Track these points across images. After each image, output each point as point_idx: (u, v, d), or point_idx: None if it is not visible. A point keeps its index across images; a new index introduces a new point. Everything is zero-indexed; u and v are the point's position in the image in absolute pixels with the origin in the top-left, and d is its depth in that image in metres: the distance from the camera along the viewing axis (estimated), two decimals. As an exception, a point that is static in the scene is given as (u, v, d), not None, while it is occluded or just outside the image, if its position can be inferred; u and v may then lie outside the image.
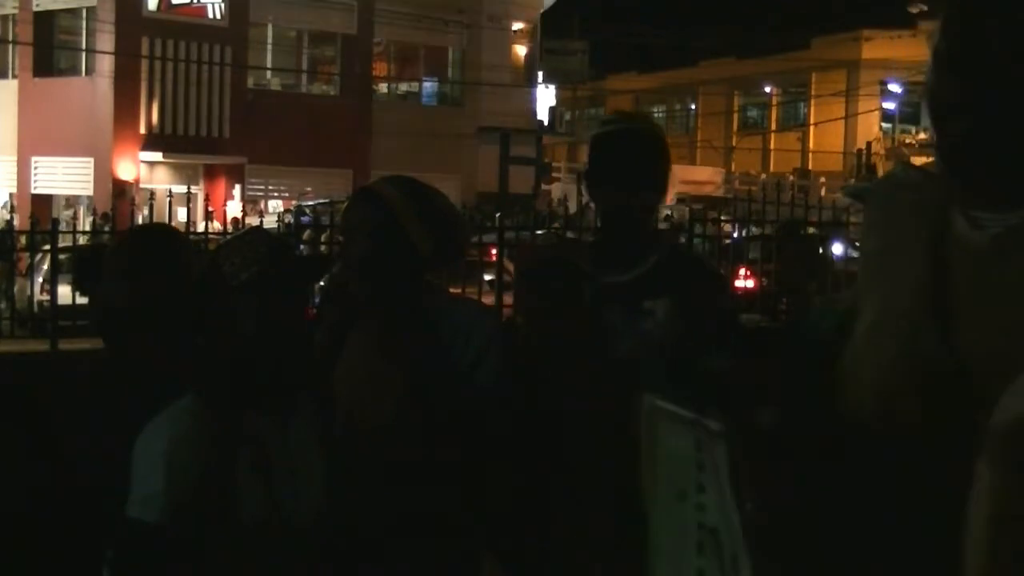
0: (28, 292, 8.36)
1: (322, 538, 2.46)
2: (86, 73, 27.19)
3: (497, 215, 8.28)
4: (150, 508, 2.28)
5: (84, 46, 27.29)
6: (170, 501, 2.28)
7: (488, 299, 7.38)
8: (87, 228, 8.89)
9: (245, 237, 2.55)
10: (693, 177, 23.64)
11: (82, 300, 3.05)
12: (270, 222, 15.01)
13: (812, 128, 45.20)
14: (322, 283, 3.62)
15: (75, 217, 21.49)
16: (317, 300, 3.45)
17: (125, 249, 2.91)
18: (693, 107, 50.77)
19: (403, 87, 33.49)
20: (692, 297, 3.05)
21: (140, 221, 8.85)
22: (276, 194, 28.41)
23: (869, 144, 38.91)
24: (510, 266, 8.03)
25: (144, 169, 26.59)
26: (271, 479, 2.36)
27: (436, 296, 3.03)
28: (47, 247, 6.98)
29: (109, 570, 2.37)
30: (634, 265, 3.10)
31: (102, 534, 2.41)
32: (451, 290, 4.24)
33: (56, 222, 6.71)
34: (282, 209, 19.78)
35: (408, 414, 2.80)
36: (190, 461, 2.29)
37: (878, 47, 41.17)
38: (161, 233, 3.14)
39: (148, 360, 2.73)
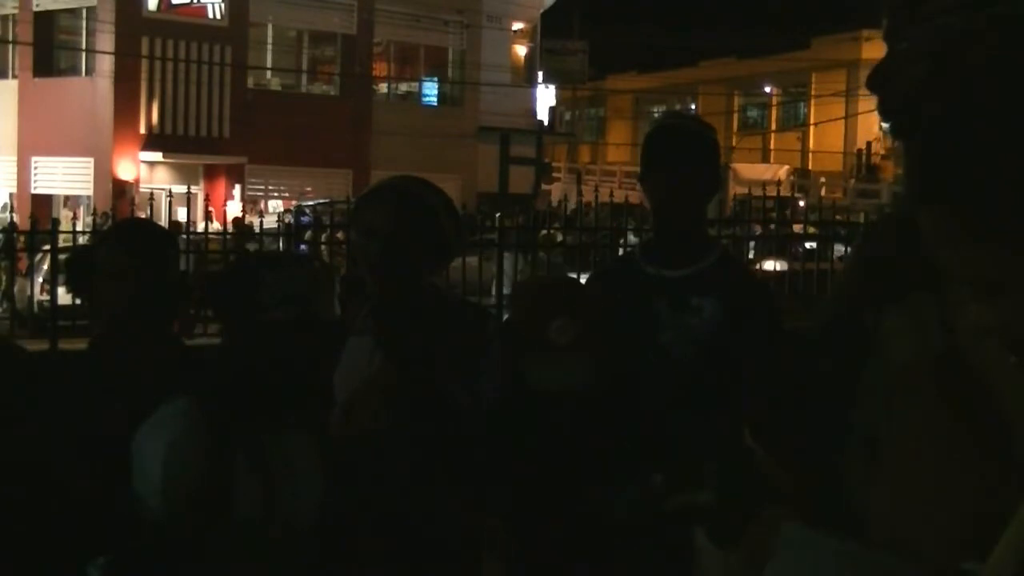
0: (28, 292, 8.36)
1: (320, 538, 2.45)
2: (86, 73, 27.18)
3: (497, 215, 8.27)
4: (146, 507, 2.28)
5: (84, 46, 27.28)
6: (168, 501, 2.28)
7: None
8: (87, 227, 8.90)
9: (290, 266, 2.51)
10: (758, 175, 23.31)
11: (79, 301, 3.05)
12: (270, 222, 15.01)
13: (812, 128, 45.20)
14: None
15: (74, 217, 21.47)
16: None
17: (121, 247, 2.90)
18: (693, 107, 50.76)
19: (403, 87, 33.49)
20: (739, 303, 3.13)
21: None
22: (276, 194, 28.41)
23: (869, 144, 38.92)
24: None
25: (144, 169, 26.58)
26: (269, 479, 2.36)
27: (438, 298, 3.04)
28: (47, 247, 6.98)
29: (104, 569, 2.37)
30: (685, 263, 3.18)
31: (93, 533, 2.41)
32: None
33: (56, 222, 6.69)
34: (282, 209, 19.79)
35: (405, 417, 2.80)
36: (188, 461, 2.29)
37: (878, 47, 40.47)
38: (152, 230, 3.15)
39: (148, 361, 2.73)
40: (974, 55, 1.15)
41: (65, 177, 27.09)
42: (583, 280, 3.62)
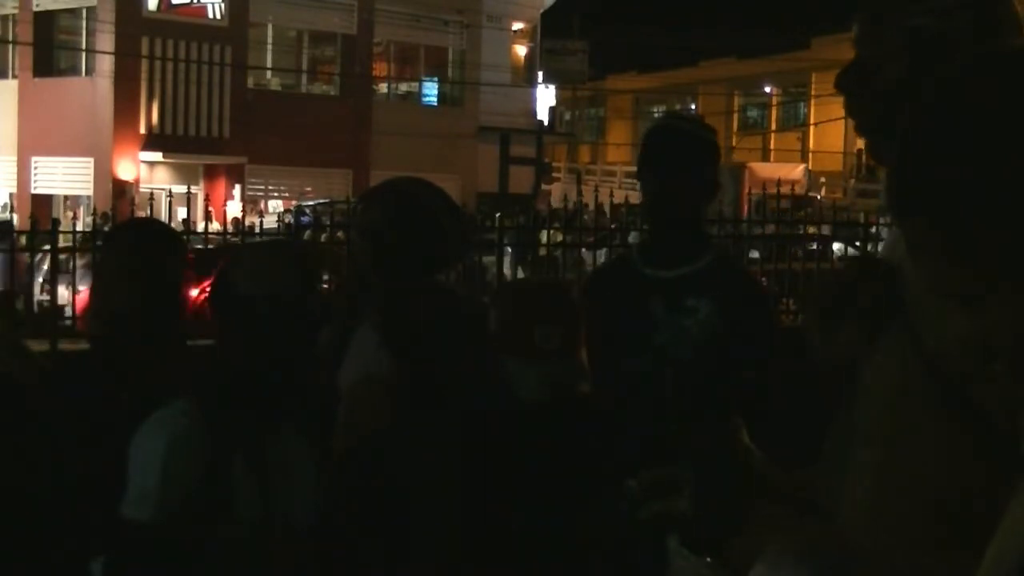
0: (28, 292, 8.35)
1: (317, 539, 2.46)
2: (86, 73, 27.18)
3: (497, 215, 8.26)
4: (144, 507, 2.28)
5: (84, 46, 27.28)
6: (165, 500, 2.28)
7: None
8: (87, 227, 8.90)
9: (266, 250, 2.53)
10: (773, 175, 23.32)
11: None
12: (270, 222, 15.02)
13: (812, 128, 45.17)
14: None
15: (74, 217, 21.47)
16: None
17: (127, 250, 2.90)
18: (693, 107, 50.74)
19: (403, 87, 33.49)
20: (735, 304, 3.11)
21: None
22: (276, 194, 28.42)
23: (869, 144, 38.80)
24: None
25: (144, 169, 26.58)
26: (266, 479, 2.36)
27: (440, 295, 3.04)
28: (47, 247, 6.98)
29: (101, 570, 2.37)
30: (681, 264, 3.16)
31: (94, 534, 2.41)
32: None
33: (56, 222, 6.69)
34: (282, 209, 19.79)
35: (409, 415, 2.80)
36: (186, 461, 2.29)
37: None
38: (156, 230, 3.15)
39: (148, 362, 2.73)
40: (953, 59, 1.13)
41: (65, 177, 27.09)
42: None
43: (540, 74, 35.21)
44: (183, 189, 8.47)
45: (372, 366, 2.86)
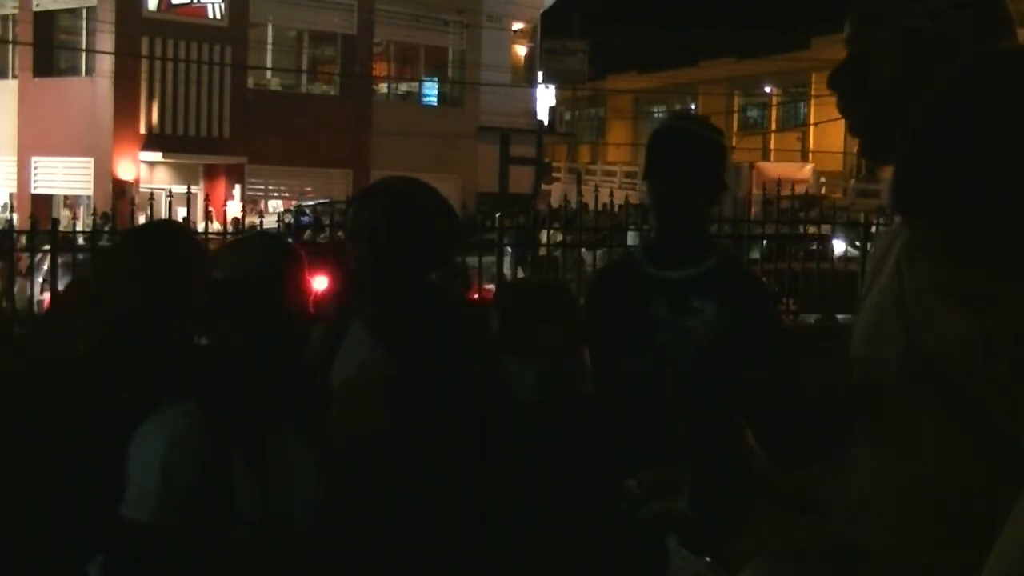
0: (28, 292, 8.36)
1: (317, 537, 2.46)
2: (86, 73, 27.18)
3: (497, 215, 8.27)
4: (144, 507, 2.29)
5: (84, 46, 27.28)
6: (165, 500, 2.28)
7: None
8: (87, 227, 8.91)
9: (237, 240, 2.56)
10: (781, 174, 23.22)
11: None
12: (270, 222, 15.03)
13: (812, 128, 45.18)
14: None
15: (74, 217, 21.48)
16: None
17: (131, 249, 2.90)
18: (693, 107, 50.73)
19: (403, 87, 33.49)
20: (741, 305, 3.11)
21: (140, 221, 8.84)
22: (276, 194, 28.41)
23: (869, 144, 38.75)
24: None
25: (144, 169, 26.58)
26: (266, 479, 2.37)
27: (437, 295, 3.04)
28: (47, 247, 6.99)
29: (100, 569, 2.37)
30: (686, 265, 3.16)
31: (94, 534, 2.41)
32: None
33: (56, 222, 6.70)
34: (282, 209, 19.80)
35: (406, 415, 2.80)
36: (186, 461, 2.29)
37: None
38: (166, 232, 3.14)
39: (149, 362, 2.73)
40: (952, 59, 1.12)
41: (65, 177, 27.09)
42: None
43: (540, 74, 35.21)
44: (183, 189, 8.47)
45: (365, 365, 2.86)
